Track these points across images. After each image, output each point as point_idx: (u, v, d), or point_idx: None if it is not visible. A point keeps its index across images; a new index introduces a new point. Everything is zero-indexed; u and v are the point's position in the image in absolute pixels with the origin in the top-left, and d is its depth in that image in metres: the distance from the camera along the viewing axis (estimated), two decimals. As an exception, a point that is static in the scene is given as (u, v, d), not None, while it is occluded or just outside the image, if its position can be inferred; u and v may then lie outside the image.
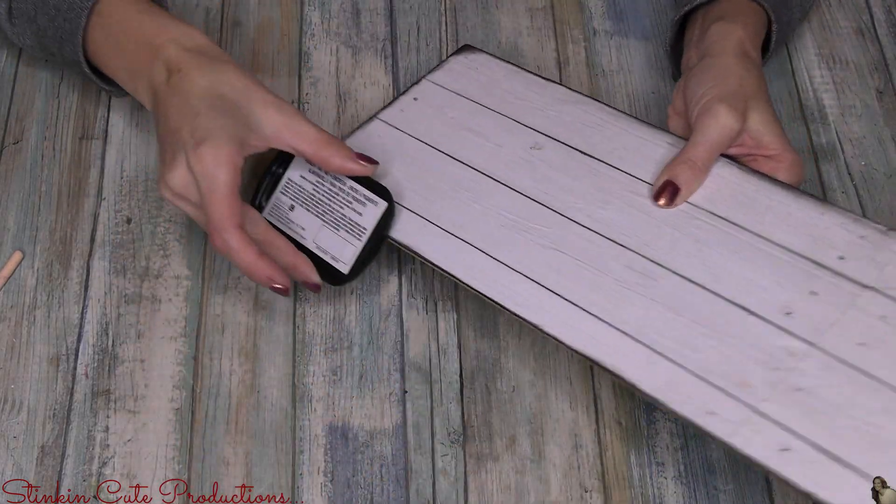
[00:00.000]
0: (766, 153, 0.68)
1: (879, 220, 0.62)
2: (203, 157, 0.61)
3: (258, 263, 0.62)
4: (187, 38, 0.67)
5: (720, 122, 0.66)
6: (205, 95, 0.64)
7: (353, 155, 0.65)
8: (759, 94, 0.68)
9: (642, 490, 0.63)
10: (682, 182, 0.66)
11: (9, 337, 0.69)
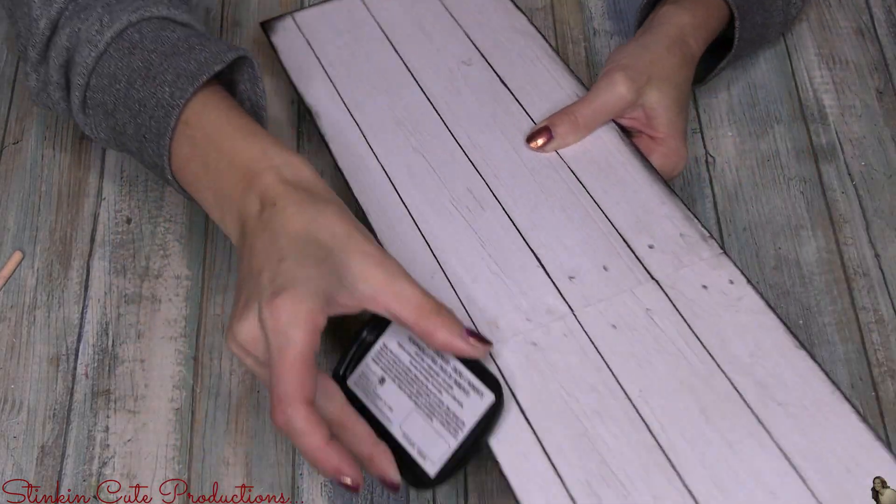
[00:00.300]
0: (652, 134, 0.69)
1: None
2: (278, 311, 0.52)
3: (326, 450, 0.52)
4: (288, 167, 0.59)
5: (614, 89, 0.68)
6: (297, 237, 0.55)
7: (462, 331, 0.55)
8: (668, 77, 0.69)
9: (642, 490, 0.63)
10: (557, 132, 0.68)
11: (9, 337, 0.69)
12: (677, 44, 0.71)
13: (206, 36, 0.65)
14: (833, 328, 0.70)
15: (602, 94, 0.68)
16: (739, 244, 0.73)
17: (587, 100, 0.69)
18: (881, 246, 0.74)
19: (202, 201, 0.62)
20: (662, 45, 0.70)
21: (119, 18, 0.63)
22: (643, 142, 0.70)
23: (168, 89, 0.61)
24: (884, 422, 0.66)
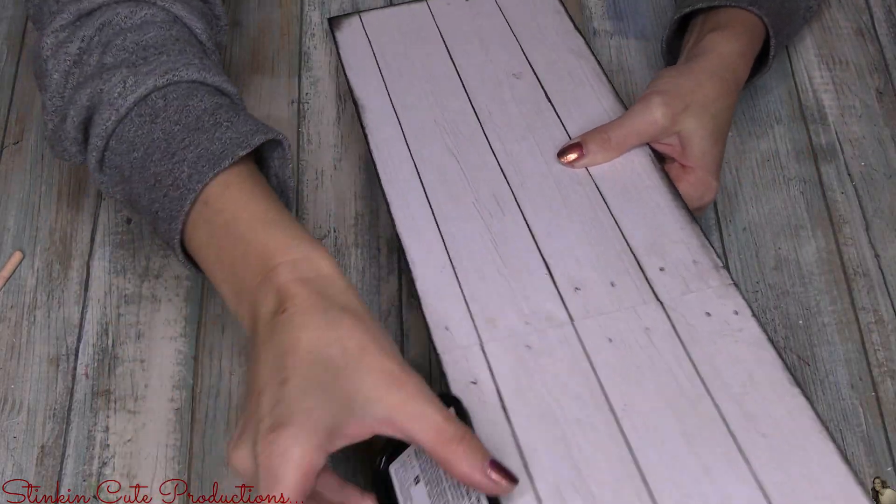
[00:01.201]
0: (684, 162, 0.69)
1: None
2: (270, 449, 0.48)
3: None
4: (307, 262, 0.54)
5: (648, 113, 0.68)
6: (304, 355, 0.51)
7: (482, 464, 0.50)
8: (706, 106, 0.68)
9: (642, 490, 0.63)
10: (588, 150, 0.68)
11: (9, 337, 0.69)
12: (722, 72, 0.70)
13: (235, 108, 0.61)
14: (833, 328, 0.70)
15: (636, 117, 0.68)
16: (739, 244, 0.73)
17: (621, 121, 0.68)
18: (881, 246, 0.74)
19: (217, 286, 0.58)
20: (706, 72, 0.69)
21: (144, 82, 0.59)
22: (674, 168, 0.69)
23: (187, 170, 0.57)
24: (884, 422, 0.66)
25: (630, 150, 0.69)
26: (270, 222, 0.56)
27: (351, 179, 0.76)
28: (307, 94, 0.80)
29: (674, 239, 0.64)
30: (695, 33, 0.74)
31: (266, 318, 0.53)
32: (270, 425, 0.49)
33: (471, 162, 0.69)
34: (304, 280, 0.53)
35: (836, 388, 0.67)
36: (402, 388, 0.51)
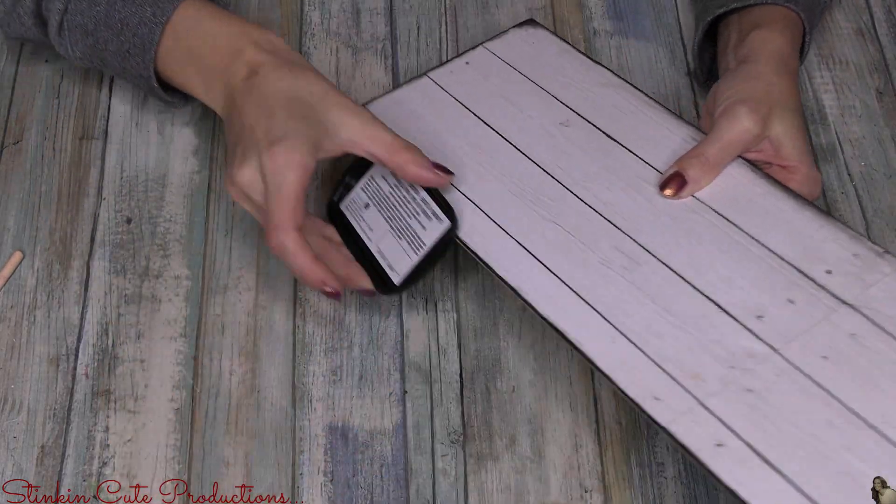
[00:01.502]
0: (783, 164, 0.68)
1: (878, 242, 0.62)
2: (275, 157, 0.62)
3: (312, 267, 0.63)
4: (265, 41, 0.67)
5: (738, 124, 0.66)
6: (282, 97, 0.64)
7: (428, 164, 0.65)
8: (786, 103, 0.68)
9: (642, 490, 0.63)
10: (690, 176, 0.66)
11: (9, 337, 0.69)
12: (784, 68, 0.70)
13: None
14: (833, 328, 0.70)
15: (728, 131, 0.67)
16: (739, 244, 0.73)
17: (713, 139, 0.67)
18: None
19: (189, 85, 0.70)
20: (772, 72, 0.69)
21: None
22: (774, 173, 0.68)
23: (149, 8, 0.68)
24: (884, 422, 0.66)
25: (727, 165, 0.67)
26: (230, 19, 0.68)
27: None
28: (307, 94, 0.80)
29: (820, 238, 0.62)
30: (733, 34, 0.74)
31: (241, 84, 0.66)
32: (269, 142, 0.62)
33: (572, 222, 0.66)
34: (267, 51, 0.66)
35: (836, 387, 0.67)
36: (359, 117, 0.64)
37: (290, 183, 0.62)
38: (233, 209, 0.74)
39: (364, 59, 0.82)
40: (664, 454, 0.65)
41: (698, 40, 0.77)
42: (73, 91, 0.80)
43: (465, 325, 0.70)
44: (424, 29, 0.84)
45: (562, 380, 0.67)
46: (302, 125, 0.63)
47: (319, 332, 0.69)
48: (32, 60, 0.81)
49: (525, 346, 0.69)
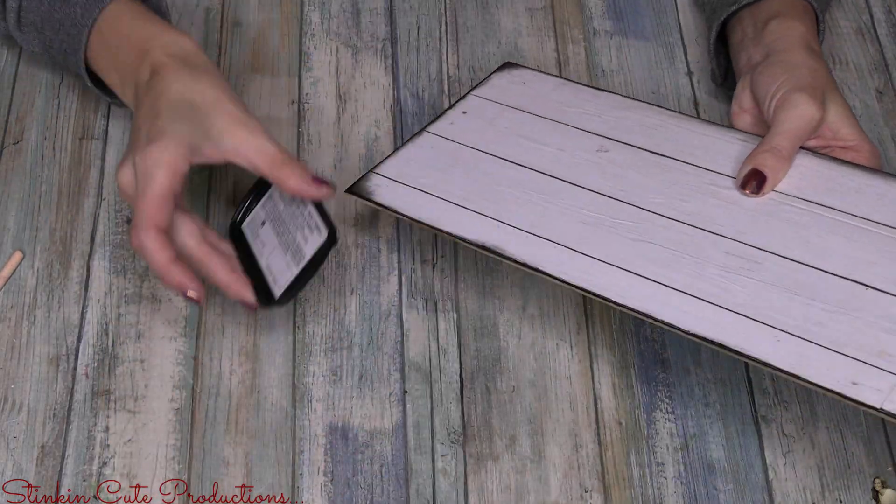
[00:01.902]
0: (842, 144, 0.68)
1: None
2: (146, 156, 0.62)
3: (169, 268, 0.62)
4: (175, 44, 0.68)
5: (801, 111, 0.66)
6: (173, 99, 0.64)
7: (308, 177, 0.63)
8: (832, 86, 0.69)
9: (642, 490, 0.63)
10: (768, 170, 0.65)
11: (9, 337, 0.68)
12: (813, 52, 0.70)
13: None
14: (833, 328, 0.70)
15: (793, 121, 0.66)
16: (739, 244, 0.73)
17: (781, 130, 0.66)
18: (881, 246, 0.74)
19: (111, 82, 0.71)
20: (809, 58, 0.70)
21: None
22: (837, 154, 0.68)
23: (79, 10, 0.70)
24: (884, 421, 0.66)
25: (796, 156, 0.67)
26: (147, 21, 0.70)
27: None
28: (307, 95, 0.80)
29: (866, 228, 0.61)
30: (748, 29, 0.74)
31: (143, 85, 0.66)
32: (147, 141, 0.63)
33: (669, 239, 0.63)
34: (172, 55, 0.67)
35: (836, 387, 0.67)
36: (247, 127, 0.64)
37: (157, 182, 0.62)
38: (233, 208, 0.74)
39: (364, 59, 0.82)
40: (664, 454, 0.65)
41: (713, 41, 0.77)
42: (73, 91, 0.80)
43: (465, 325, 0.70)
44: (424, 29, 0.84)
45: (562, 380, 0.67)
46: (183, 127, 0.63)
47: (319, 332, 0.69)
48: (33, 60, 0.81)
49: (525, 346, 0.69)
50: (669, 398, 0.67)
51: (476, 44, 0.83)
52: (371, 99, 0.80)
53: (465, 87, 0.81)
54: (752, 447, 0.65)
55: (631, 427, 0.66)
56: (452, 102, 0.77)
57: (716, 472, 0.64)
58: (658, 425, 0.66)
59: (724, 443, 0.65)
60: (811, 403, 0.67)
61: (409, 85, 0.81)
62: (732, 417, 0.66)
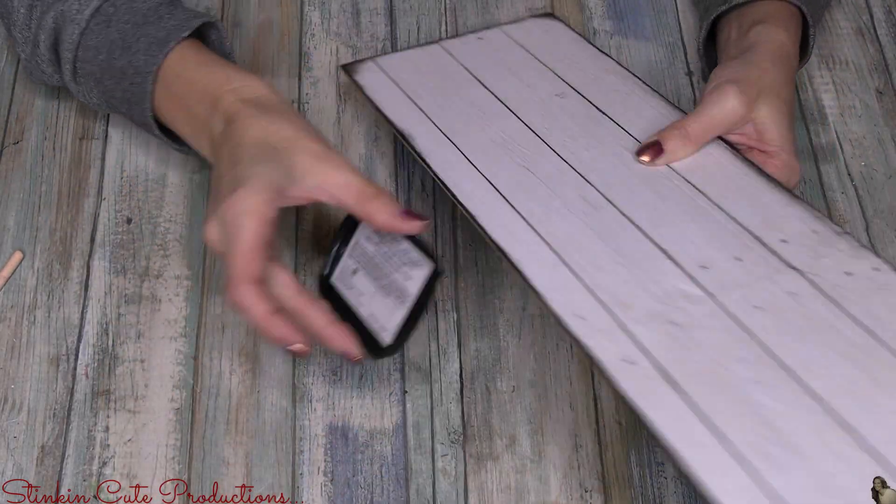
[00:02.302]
0: (764, 148, 0.68)
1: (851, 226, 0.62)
2: (232, 205, 0.59)
3: (270, 321, 0.59)
4: (247, 88, 0.65)
5: (724, 102, 0.67)
6: (251, 144, 0.62)
7: (399, 211, 0.61)
8: (776, 90, 0.69)
9: (642, 490, 0.63)
10: (668, 147, 0.67)
11: (9, 337, 0.69)
12: (781, 60, 0.70)
13: (174, 3, 0.71)
14: (833, 328, 0.70)
15: (713, 108, 0.67)
16: (739, 244, 0.73)
17: (697, 114, 0.68)
18: (881, 246, 0.74)
19: (183, 133, 0.69)
20: (768, 59, 0.70)
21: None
22: (755, 157, 0.68)
23: (142, 57, 0.67)
24: (884, 422, 0.66)
25: (708, 142, 0.68)
26: (214, 66, 0.67)
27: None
28: (307, 95, 0.80)
29: (784, 214, 0.63)
30: (734, 30, 0.74)
31: (219, 135, 0.64)
32: (230, 190, 0.60)
33: (545, 171, 0.67)
34: (244, 100, 0.64)
35: (836, 387, 0.67)
36: (330, 162, 0.61)
37: (246, 231, 0.59)
38: (233, 209, 0.74)
39: (364, 59, 0.82)
40: (664, 454, 0.65)
41: (702, 39, 0.77)
42: (73, 91, 0.80)
43: (465, 325, 0.70)
44: (424, 29, 0.84)
45: (562, 380, 0.67)
46: (265, 170, 0.60)
47: (319, 332, 0.69)
48: (32, 60, 0.81)
49: (525, 346, 0.69)
50: (669, 398, 0.67)
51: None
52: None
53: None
54: (752, 447, 0.65)
55: (631, 427, 0.66)
56: (478, 28, 0.83)
57: (716, 473, 0.64)
58: None
59: (724, 443, 0.65)
60: (811, 403, 0.67)
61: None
62: (732, 417, 0.66)
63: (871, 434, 0.52)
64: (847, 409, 0.53)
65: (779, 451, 0.51)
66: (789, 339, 0.56)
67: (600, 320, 0.58)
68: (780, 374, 0.54)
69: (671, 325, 0.57)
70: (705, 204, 0.65)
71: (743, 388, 0.54)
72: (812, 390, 0.54)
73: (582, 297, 0.59)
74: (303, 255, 0.72)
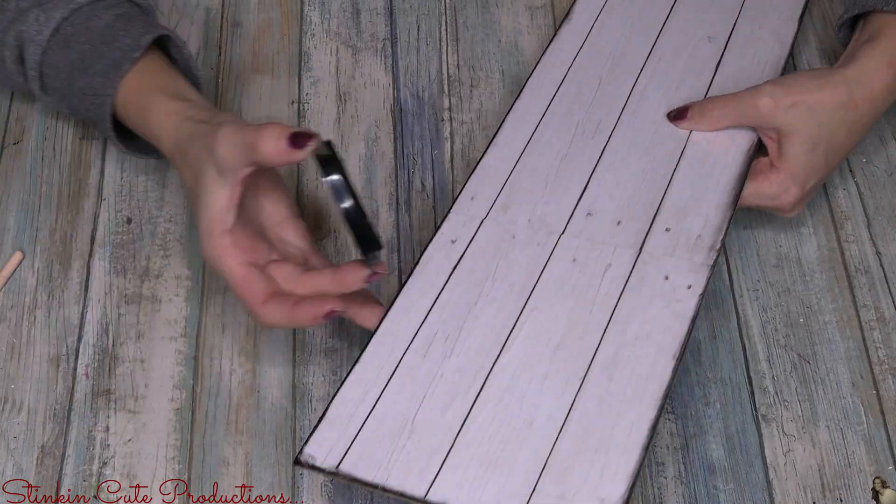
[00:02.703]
0: (773, 161, 0.68)
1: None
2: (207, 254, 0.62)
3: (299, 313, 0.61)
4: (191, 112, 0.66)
5: (753, 97, 0.68)
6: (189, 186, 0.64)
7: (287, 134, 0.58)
8: (817, 111, 0.66)
9: (642, 490, 0.63)
10: (691, 114, 0.71)
11: (9, 337, 0.69)
12: (854, 85, 0.67)
13: (130, 15, 0.71)
14: (834, 326, 0.69)
15: (742, 99, 0.68)
16: (740, 241, 0.73)
17: (728, 98, 0.69)
18: (882, 243, 0.73)
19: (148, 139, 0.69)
20: (837, 79, 0.67)
21: (53, 17, 0.69)
22: (761, 163, 0.68)
23: (100, 80, 0.69)
24: (885, 420, 0.66)
25: (729, 127, 0.70)
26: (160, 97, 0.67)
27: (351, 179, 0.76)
28: (307, 95, 0.80)
29: (702, 212, 0.67)
30: (854, 39, 0.72)
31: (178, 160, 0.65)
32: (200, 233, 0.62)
33: (607, 91, 0.75)
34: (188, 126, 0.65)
35: (836, 386, 0.67)
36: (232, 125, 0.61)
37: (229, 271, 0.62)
38: (233, 209, 0.74)
39: (364, 59, 0.82)
40: (664, 454, 0.65)
41: (841, 41, 0.75)
42: (73, 91, 0.80)
43: (464, 325, 0.69)
44: (424, 29, 0.84)
45: (562, 379, 0.67)
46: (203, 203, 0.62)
47: (319, 332, 0.69)
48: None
49: (525, 345, 0.68)
50: (669, 398, 0.66)
51: (476, 43, 0.83)
52: (371, 99, 0.80)
53: (466, 86, 0.81)
54: (752, 447, 0.65)
55: (631, 426, 0.66)
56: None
57: (716, 472, 0.64)
58: (658, 425, 0.65)
59: (724, 443, 0.65)
60: (812, 403, 0.67)
61: (409, 85, 0.81)
62: (732, 417, 0.66)
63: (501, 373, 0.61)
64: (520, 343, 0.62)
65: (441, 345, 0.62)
66: (554, 291, 0.64)
67: (476, 207, 0.68)
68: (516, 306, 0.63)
69: (511, 238, 0.67)
70: (666, 171, 0.70)
71: (478, 300, 0.64)
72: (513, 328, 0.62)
73: (492, 185, 0.69)
74: (303, 254, 0.72)
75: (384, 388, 0.60)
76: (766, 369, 0.68)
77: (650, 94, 0.74)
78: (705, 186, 0.69)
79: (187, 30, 0.83)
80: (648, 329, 0.62)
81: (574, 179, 0.70)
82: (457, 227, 0.67)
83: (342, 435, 0.58)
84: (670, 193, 0.68)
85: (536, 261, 0.65)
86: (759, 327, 0.70)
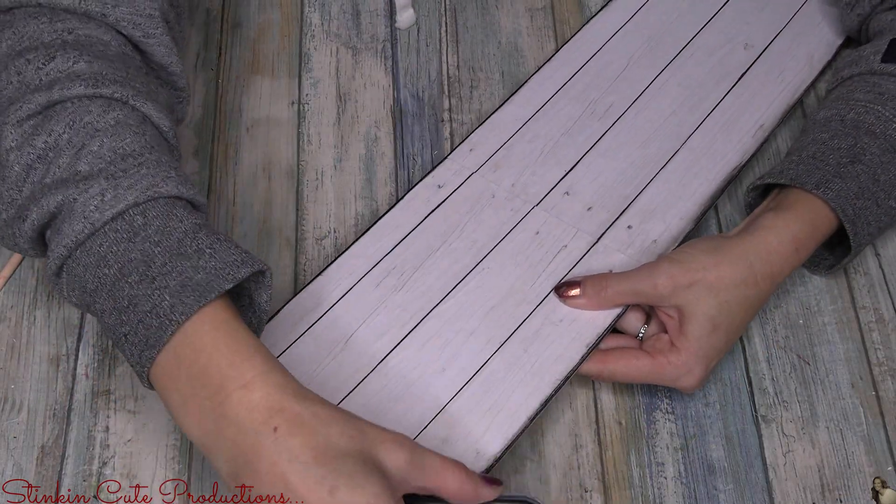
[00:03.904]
0: (673, 340, 0.63)
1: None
2: None
3: None
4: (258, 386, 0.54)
5: (651, 275, 0.64)
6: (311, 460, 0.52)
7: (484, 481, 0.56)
8: (717, 290, 0.62)
9: (642, 490, 0.63)
10: (584, 292, 0.66)
11: (9, 337, 0.69)
12: (754, 259, 0.64)
13: (213, 231, 0.57)
14: (833, 327, 0.69)
15: (640, 277, 0.64)
16: (739, 244, 0.73)
17: (625, 275, 0.65)
18: (881, 245, 0.74)
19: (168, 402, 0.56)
20: (735, 255, 0.63)
21: (125, 198, 0.56)
22: (661, 341, 0.64)
23: (169, 299, 0.54)
24: (884, 421, 0.66)
25: (624, 305, 0.65)
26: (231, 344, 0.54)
27: (351, 180, 0.76)
28: (307, 95, 0.80)
29: (665, 219, 0.70)
30: (762, 205, 0.69)
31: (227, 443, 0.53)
32: None
33: (630, 75, 0.77)
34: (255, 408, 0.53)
35: (836, 387, 0.67)
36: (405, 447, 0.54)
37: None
38: (233, 209, 0.74)
39: (364, 60, 0.82)
40: (664, 454, 0.65)
41: (748, 204, 0.72)
42: (73, 92, 0.80)
43: (464, 325, 0.69)
44: (424, 29, 0.84)
45: (562, 380, 0.67)
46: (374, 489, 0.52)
47: (319, 332, 0.69)
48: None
49: (525, 345, 0.69)
50: (669, 398, 0.67)
51: (476, 44, 0.83)
52: (371, 100, 0.80)
53: (465, 87, 0.81)
54: (752, 447, 0.65)
55: (631, 427, 0.66)
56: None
57: (716, 472, 0.64)
58: (658, 425, 0.66)
59: (724, 443, 0.65)
60: (811, 403, 0.67)
61: (408, 85, 0.81)
62: (732, 417, 0.66)
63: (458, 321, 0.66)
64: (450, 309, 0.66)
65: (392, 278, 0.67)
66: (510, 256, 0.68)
67: (473, 159, 0.73)
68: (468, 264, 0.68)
69: (490, 197, 0.71)
70: (652, 168, 0.72)
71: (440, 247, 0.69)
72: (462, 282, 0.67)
73: (495, 139, 0.74)
74: (302, 255, 0.72)
75: (334, 304, 0.66)
76: (765, 370, 0.68)
77: (668, 89, 0.76)
78: (679, 195, 0.71)
79: (187, 30, 0.83)
80: (576, 315, 0.65)
81: (567, 156, 0.73)
82: (448, 173, 0.72)
83: (286, 334, 0.64)
84: (647, 192, 0.71)
85: (504, 224, 0.70)
86: (759, 328, 0.70)
